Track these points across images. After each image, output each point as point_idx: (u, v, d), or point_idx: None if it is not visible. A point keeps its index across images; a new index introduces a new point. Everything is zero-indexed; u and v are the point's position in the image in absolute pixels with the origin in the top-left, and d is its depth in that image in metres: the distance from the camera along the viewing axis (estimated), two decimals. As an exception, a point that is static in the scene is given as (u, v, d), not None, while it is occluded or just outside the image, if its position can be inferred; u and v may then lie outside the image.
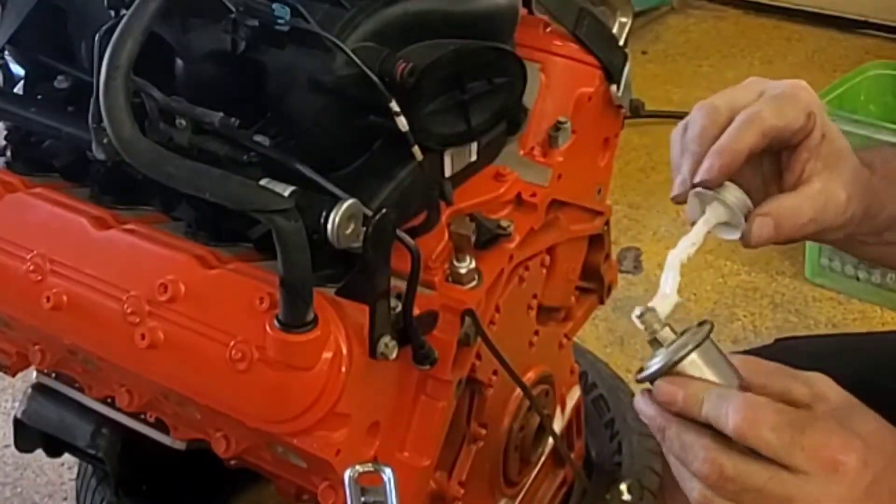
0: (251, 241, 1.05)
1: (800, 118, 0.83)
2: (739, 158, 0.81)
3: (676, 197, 0.85)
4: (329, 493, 1.03)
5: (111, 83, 0.90)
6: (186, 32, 1.04)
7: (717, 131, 0.83)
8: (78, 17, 1.12)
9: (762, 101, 0.84)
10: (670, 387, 0.74)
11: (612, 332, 2.19)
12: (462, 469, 1.20)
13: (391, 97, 0.98)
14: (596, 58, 1.23)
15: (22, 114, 1.13)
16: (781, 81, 0.85)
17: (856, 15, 3.39)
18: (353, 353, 0.95)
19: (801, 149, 0.85)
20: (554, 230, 1.24)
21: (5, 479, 1.79)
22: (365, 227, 0.92)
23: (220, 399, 0.99)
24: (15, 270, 1.07)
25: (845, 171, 0.86)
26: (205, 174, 0.90)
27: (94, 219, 1.08)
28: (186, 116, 0.97)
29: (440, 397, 1.08)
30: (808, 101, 0.84)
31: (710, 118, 0.83)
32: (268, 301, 0.95)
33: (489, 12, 1.12)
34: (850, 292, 2.31)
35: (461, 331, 1.05)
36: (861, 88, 2.39)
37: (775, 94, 0.84)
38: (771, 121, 0.82)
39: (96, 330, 1.04)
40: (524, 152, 1.20)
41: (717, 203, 0.83)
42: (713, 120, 0.83)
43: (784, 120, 0.83)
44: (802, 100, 0.84)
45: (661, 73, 3.14)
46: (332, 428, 0.97)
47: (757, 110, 0.82)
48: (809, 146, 0.84)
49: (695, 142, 0.83)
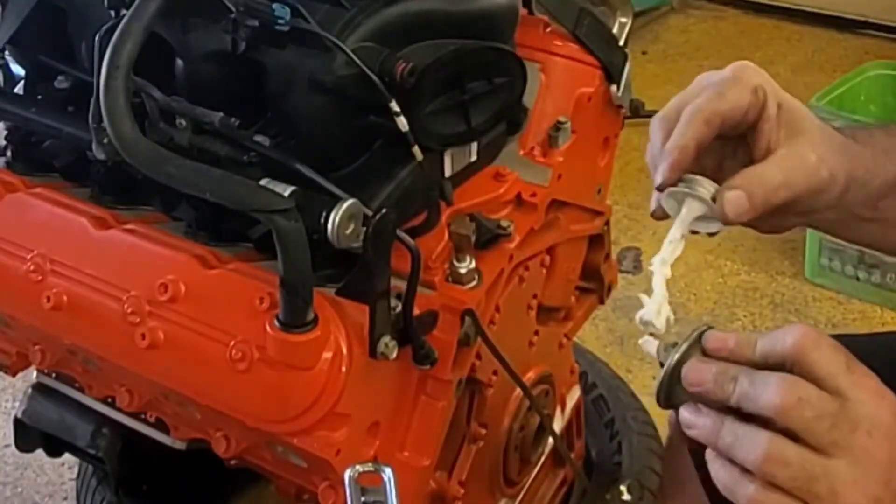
0: (251, 241, 1.05)
1: (745, 97, 0.84)
2: (688, 152, 0.83)
3: (654, 213, 0.87)
4: (329, 493, 1.03)
5: (111, 83, 0.90)
6: (187, 32, 1.04)
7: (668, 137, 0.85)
8: (78, 17, 1.12)
9: (704, 92, 0.85)
10: (720, 334, 0.75)
11: (612, 332, 2.19)
12: (462, 469, 1.20)
13: (391, 97, 0.98)
14: (596, 58, 1.23)
15: (22, 114, 1.13)
16: (726, 68, 0.87)
17: (855, 15, 3.39)
18: (353, 353, 0.95)
19: (760, 123, 0.85)
20: (554, 230, 1.24)
21: (6, 479, 1.79)
22: (365, 227, 0.92)
23: (221, 399, 0.99)
24: (15, 270, 1.07)
25: (811, 134, 0.86)
26: (205, 174, 0.90)
27: (95, 219, 1.08)
28: (186, 116, 0.97)
29: (440, 397, 1.08)
30: (751, 79, 0.85)
31: (663, 129, 0.85)
32: (268, 301, 0.95)
33: (489, 12, 1.12)
34: (849, 292, 2.31)
35: (461, 331, 1.06)
36: (861, 88, 2.39)
37: (715, 81, 0.85)
38: (710, 107, 0.83)
39: (96, 330, 1.04)
40: (524, 152, 1.20)
41: (690, 199, 0.84)
42: (665, 129, 0.85)
43: (727, 104, 0.84)
44: (744, 79, 0.85)
45: (661, 73, 3.14)
46: (332, 428, 0.97)
47: (696, 103, 0.84)
48: (768, 118, 0.85)
49: (654, 157, 0.86)
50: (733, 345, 0.74)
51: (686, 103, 0.85)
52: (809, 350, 0.71)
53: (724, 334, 0.75)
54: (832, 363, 0.71)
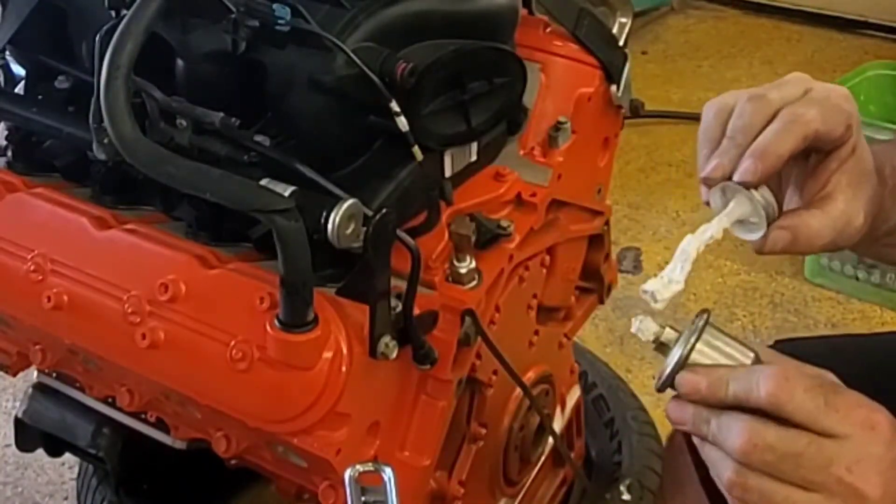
0: (252, 240, 1.05)
1: (840, 127, 0.82)
2: (781, 162, 0.80)
3: (708, 180, 0.83)
4: (329, 493, 1.03)
5: (112, 83, 0.90)
6: (187, 33, 1.04)
7: (765, 124, 0.81)
8: (78, 17, 1.12)
9: (807, 101, 0.82)
10: (692, 376, 0.75)
11: (612, 332, 2.19)
12: (462, 468, 1.20)
13: (391, 97, 0.99)
14: (596, 58, 1.23)
15: (23, 114, 1.13)
16: (827, 85, 0.84)
17: (855, 15, 3.39)
18: (353, 353, 0.95)
19: (831, 158, 0.84)
20: (554, 230, 1.24)
21: (6, 479, 1.79)
22: (365, 227, 0.93)
23: (221, 399, 0.99)
24: (16, 270, 1.07)
25: (867, 191, 0.85)
26: (205, 174, 0.91)
27: (95, 219, 1.09)
28: (187, 116, 0.97)
29: (440, 397, 1.08)
30: (850, 112, 0.83)
31: (762, 113, 0.82)
32: (268, 301, 0.95)
33: (489, 13, 1.12)
34: (849, 292, 2.31)
35: (461, 330, 1.06)
36: (861, 88, 2.39)
37: (821, 98, 0.82)
38: (815, 125, 0.81)
39: (97, 330, 1.04)
40: (524, 152, 1.20)
41: (744, 198, 0.82)
42: (764, 114, 0.82)
43: (827, 126, 0.81)
44: (845, 110, 0.83)
45: (661, 73, 3.14)
46: (332, 427, 0.97)
47: (802, 112, 0.81)
48: (840, 157, 0.83)
49: (742, 133, 0.81)
50: (705, 390, 0.74)
51: (787, 99, 0.82)
52: (784, 403, 0.71)
53: (695, 379, 0.75)
54: (809, 409, 0.71)
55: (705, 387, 0.74)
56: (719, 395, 0.73)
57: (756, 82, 0.87)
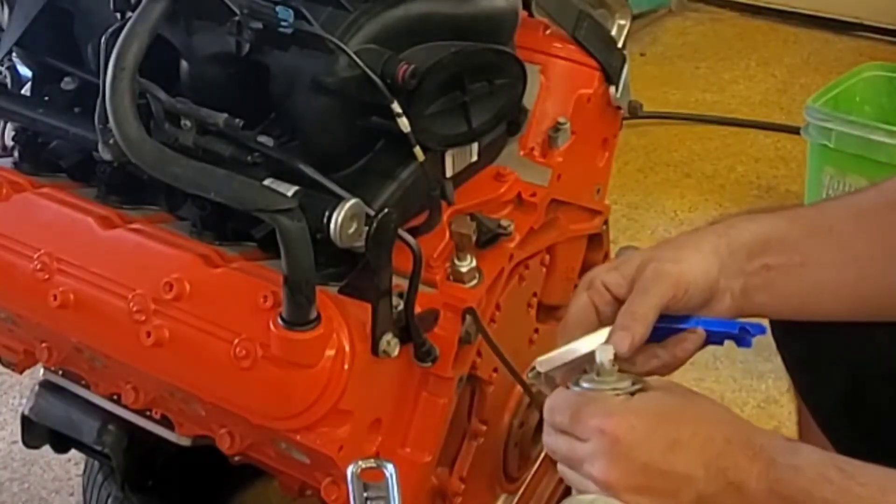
0: (255, 240, 1.06)
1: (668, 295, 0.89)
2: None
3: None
4: (332, 489, 1.04)
5: (117, 84, 0.91)
6: (191, 35, 1.05)
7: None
8: (84, 19, 1.13)
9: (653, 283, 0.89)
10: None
11: (611, 332, 2.19)
12: (463, 465, 1.20)
13: (393, 98, 0.99)
14: (595, 60, 1.24)
15: (29, 115, 1.14)
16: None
17: (850, 17, 3.39)
18: (355, 351, 0.96)
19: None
20: (553, 229, 1.25)
21: (13, 475, 1.79)
22: (367, 226, 0.93)
23: (225, 396, 1.00)
24: (22, 269, 1.08)
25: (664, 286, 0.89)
26: (209, 174, 0.92)
27: (101, 218, 1.09)
28: (191, 117, 0.98)
29: (441, 394, 1.09)
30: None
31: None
32: (271, 299, 0.96)
33: (490, 15, 1.13)
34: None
35: (462, 329, 1.07)
36: (856, 90, 2.39)
37: (650, 276, 0.89)
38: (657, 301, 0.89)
39: (102, 328, 1.05)
40: (524, 153, 1.21)
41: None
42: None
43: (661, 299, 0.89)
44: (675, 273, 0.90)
45: (659, 74, 3.14)
46: (334, 424, 0.98)
47: (650, 289, 0.89)
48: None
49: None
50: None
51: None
52: (548, 418, 0.85)
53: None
54: (558, 419, 0.84)
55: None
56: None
57: (753, 83, 0.89)
